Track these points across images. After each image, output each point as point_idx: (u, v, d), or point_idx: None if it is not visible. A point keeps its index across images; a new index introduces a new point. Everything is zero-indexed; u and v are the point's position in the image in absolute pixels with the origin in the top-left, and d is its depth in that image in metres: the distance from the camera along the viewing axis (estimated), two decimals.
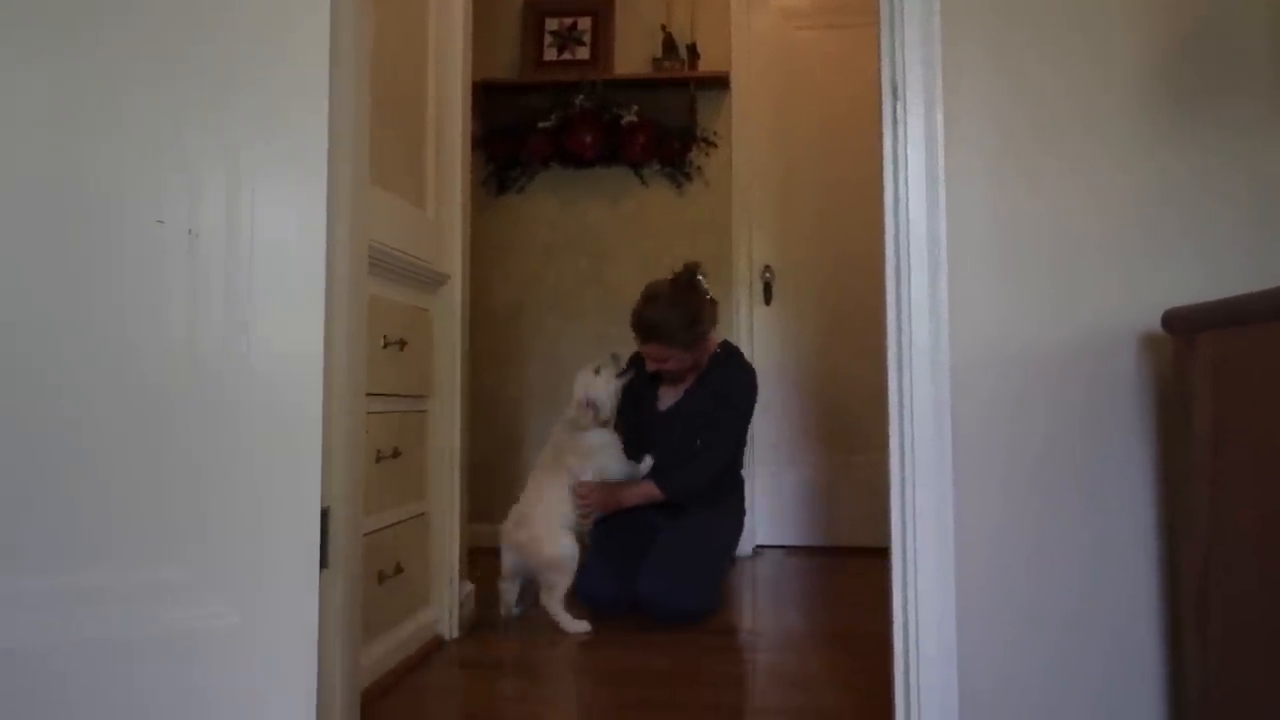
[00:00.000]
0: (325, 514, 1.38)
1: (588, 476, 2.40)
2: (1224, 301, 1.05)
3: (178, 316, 1.30)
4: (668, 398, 2.59)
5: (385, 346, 1.88)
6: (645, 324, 2.45)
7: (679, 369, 2.51)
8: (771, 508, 3.40)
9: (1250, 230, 1.31)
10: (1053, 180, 1.36)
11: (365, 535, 1.66)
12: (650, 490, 2.42)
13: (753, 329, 3.44)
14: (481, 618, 2.35)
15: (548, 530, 2.31)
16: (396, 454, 1.95)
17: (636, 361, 2.56)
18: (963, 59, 1.38)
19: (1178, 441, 1.23)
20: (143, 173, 1.28)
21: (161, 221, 1.31)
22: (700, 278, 2.53)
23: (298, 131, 1.35)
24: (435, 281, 2.19)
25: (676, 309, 2.44)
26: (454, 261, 2.27)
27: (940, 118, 1.37)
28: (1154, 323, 1.28)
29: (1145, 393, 1.32)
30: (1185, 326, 1.15)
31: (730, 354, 2.63)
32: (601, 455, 2.41)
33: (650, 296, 2.48)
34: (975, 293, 1.37)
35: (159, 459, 1.25)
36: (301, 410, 1.32)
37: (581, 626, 2.24)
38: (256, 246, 1.34)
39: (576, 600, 2.36)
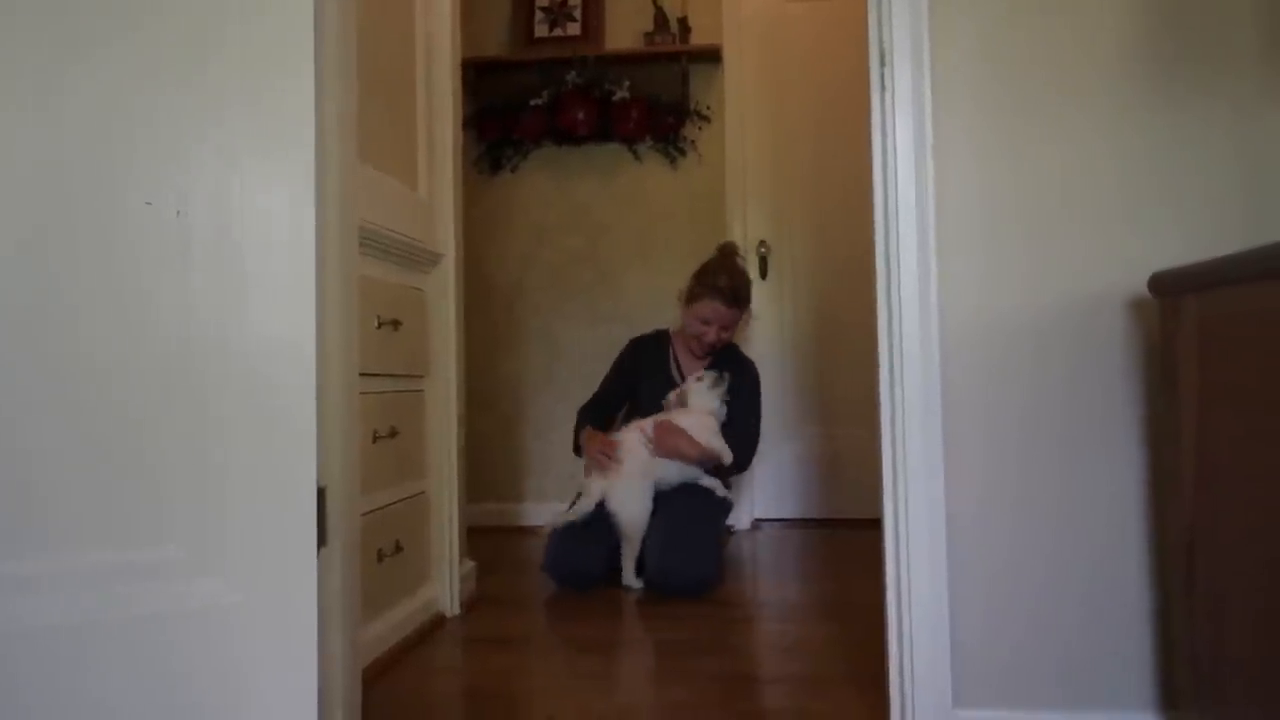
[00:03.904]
0: (322, 493, 1.39)
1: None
2: (1208, 263, 1.06)
3: (168, 296, 1.30)
4: (691, 375, 2.72)
5: (379, 327, 1.88)
6: (735, 288, 2.63)
7: (729, 339, 2.71)
8: (769, 482, 3.41)
9: (1235, 195, 1.31)
10: (1041, 145, 1.36)
11: (364, 515, 1.68)
12: (711, 453, 2.50)
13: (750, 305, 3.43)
14: (482, 595, 2.37)
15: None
16: (393, 434, 1.96)
17: (650, 342, 2.78)
18: (950, 24, 1.37)
19: (1165, 403, 1.24)
20: (129, 153, 1.27)
21: (150, 203, 1.31)
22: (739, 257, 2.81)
23: (285, 110, 1.35)
24: (428, 261, 2.18)
25: (746, 276, 2.73)
26: (447, 241, 2.27)
27: (928, 83, 1.37)
28: (1141, 287, 1.29)
29: (1133, 356, 1.32)
30: (1171, 289, 1.15)
31: (734, 344, 2.84)
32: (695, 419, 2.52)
33: (729, 263, 2.71)
34: (965, 257, 1.37)
35: (153, 438, 1.26)
36: (295, 389, 1.32)
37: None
38: (246, 226, 1.33)
39: (547, 574, 2.44)
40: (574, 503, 2.53)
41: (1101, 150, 1.34)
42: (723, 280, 2.62)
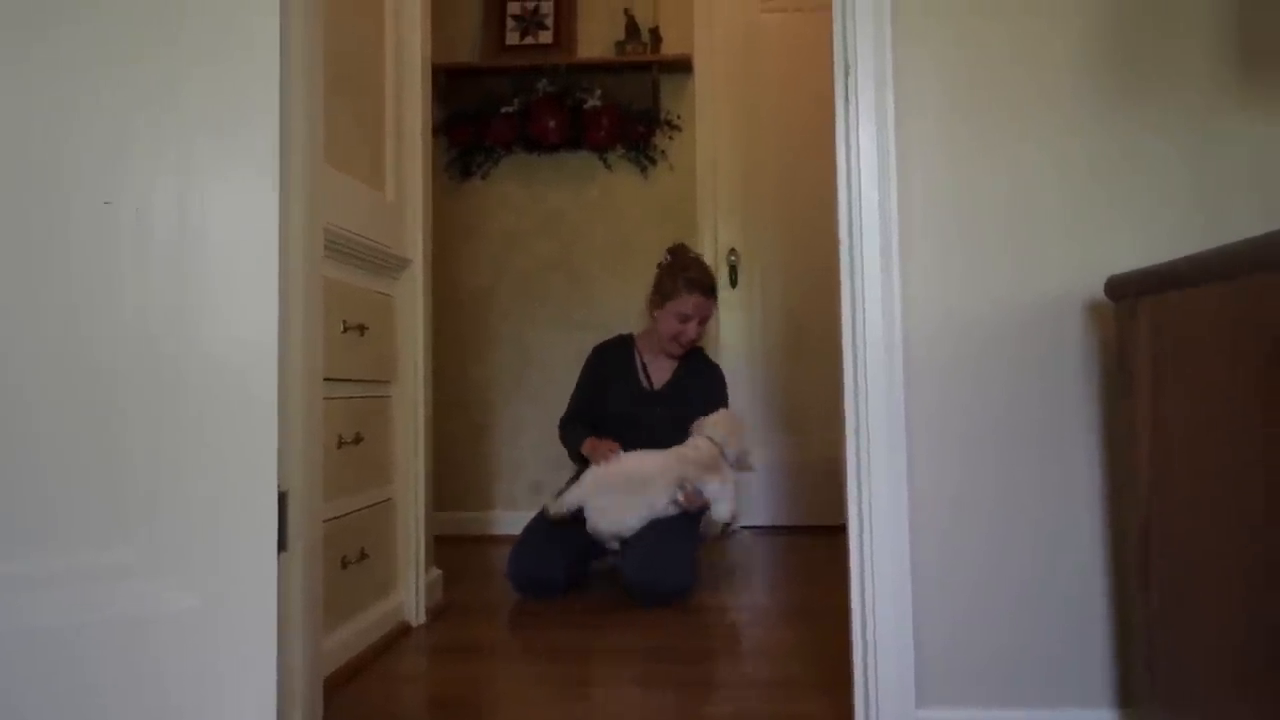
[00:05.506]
0: (283, 497, 1.37)
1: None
2: (1160, 267, 1.08)
3: (128, 297, 1.28)
4: (659, 377, 2.74)
5: (345, 331, 1.86)
6: (711, 279, 2.71)
7: (703, 334, 2.75)
8: (739, 489, 3.40)
9: (1190, 201, 1.34)
10: (1002, 153, 1.38)
11: (327, 521, 1.65)
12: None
13: (719, 312, 3.45)
14: (449, 603, 2.35)
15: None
16: (359, 439, 1.94)
17: (614, 347, 2.77)
18: (912, 35, 1.40)
19: (1121, 401, 1.26)
20: (90, 151, 1.26)
21: (109, 202, 1.29)
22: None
23: (249, 109, 1.34)
24: (396, 266, 2.17)
25: (708, 266, 2.77)
26: (415, 246, 2.25)
27: (890, 92, 1.39)
28: (1098, 291, 1.32)
29: (1090, 358, 1.35)
30: (1126, 292, 1.18)
31: (699, 348, 2.85)
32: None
33: (687, 260, 2.73)
34: (927, 263, 1.39)
35: (112, 440, 1.23)
36: (256, 391, 1.31)
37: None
38: (207, 227, 1.32)
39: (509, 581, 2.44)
40: (565, 489, 2.52)
41: (1061, 157, 1.37)
42: (694, 273, 2.66)
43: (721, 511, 2.51)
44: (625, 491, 2.42)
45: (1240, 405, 0.92)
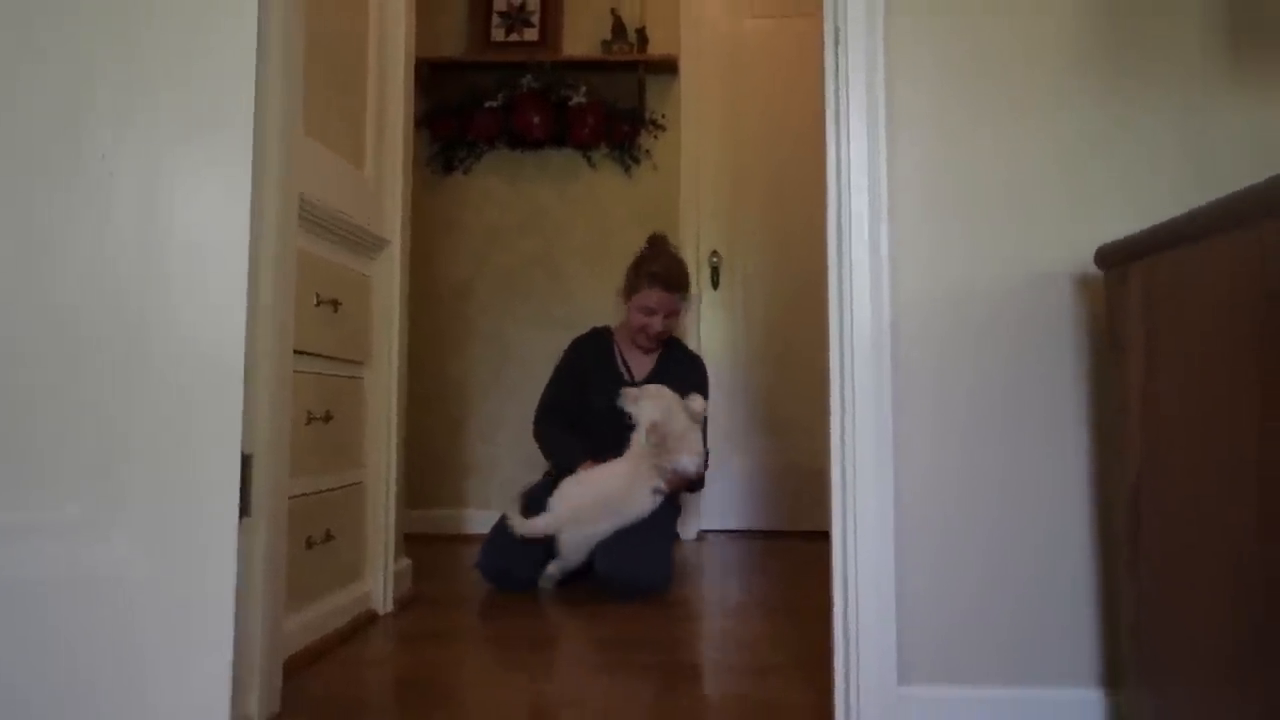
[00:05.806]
0: (247, 460, 1.32)
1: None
2: (1149, 231, 1.07)
3: (93, 252, 1.24)
4: (639, 370, 2.70)
5: (318, 305, 1.81)
6: (678, 274, 2.62)
7: (674, 326, 2.69)
8: (716, 493, 3.37)
9: (1179, 178, 1.34)
10: (993, 126, 1.37)
11: (293, 498, 1.60)
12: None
13: (700, 314, 3.43)
14: (418, 595, 2.29)
15: None
16: (329, 417, 1.88)
17: (591, 341, 2.73)
18: (904, 4, 1.38)
19: (1112, 371, 1.25)
20: (58, 107, 1.22)
21: (77, 154, 1.25)
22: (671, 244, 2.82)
23: (224, 75, 1.30)
24: (374, 246, 2.12)
25: (681, 260, 2.70)
26: (394, 228, 2.21)
27: (881, 64, 1.37)
28: (1088, 264, 1.30)
29: (1081, 330, 1.33)
30: (1117, 260, 1.17)
31: (679, 341, 2.84)
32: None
33: (662, 250, 2.69)
34: (918, 240, 1.37)
35: (67, 391, 1.18)
36: (220, 347, 1.26)
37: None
38: (177, 187, 1.28)
39: (479, 572, 2.39)
40: (523, 505, 2.45)
41: (1054, 131, 1.36)
42: (657, 266, 2.61)
43: (693, 466, 2.46)
44: (605, 519, 2.35)
45: (1236, 362, 0.90)
